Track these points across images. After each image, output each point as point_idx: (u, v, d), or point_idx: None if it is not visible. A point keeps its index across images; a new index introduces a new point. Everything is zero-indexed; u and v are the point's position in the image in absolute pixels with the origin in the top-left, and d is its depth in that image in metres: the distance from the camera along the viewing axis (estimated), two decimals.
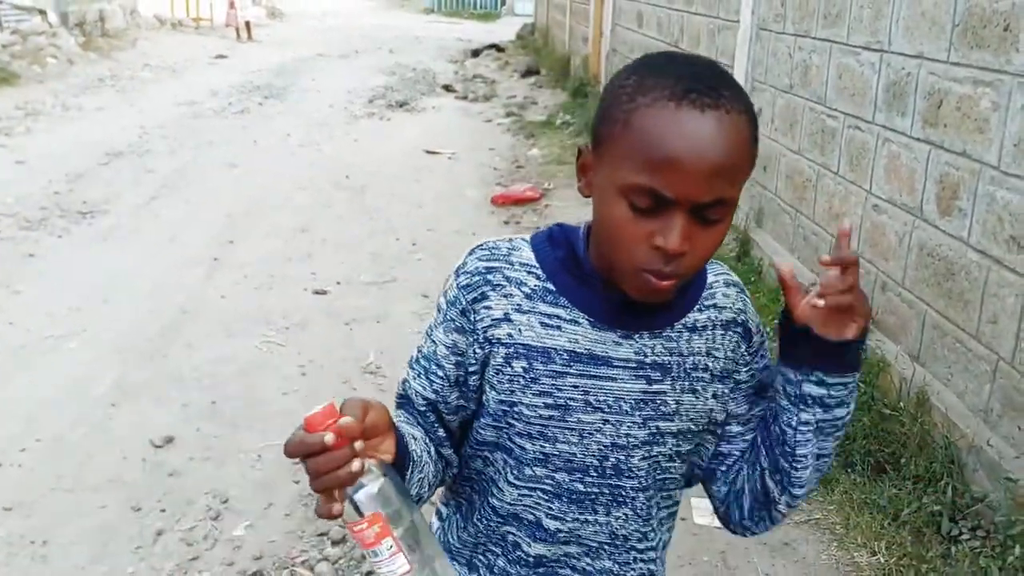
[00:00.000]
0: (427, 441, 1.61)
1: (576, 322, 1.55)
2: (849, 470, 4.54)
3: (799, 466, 1.61)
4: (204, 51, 24.78)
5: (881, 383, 5.05)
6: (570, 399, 1.56)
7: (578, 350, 1.55)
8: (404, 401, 1.66)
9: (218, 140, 13.10)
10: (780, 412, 1.61)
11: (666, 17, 10.88)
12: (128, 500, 4.41)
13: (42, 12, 20.96)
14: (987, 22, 4.32)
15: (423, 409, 1.64)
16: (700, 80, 1.37)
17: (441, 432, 1.65)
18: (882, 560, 3.98)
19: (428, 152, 12.61)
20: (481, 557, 1.72)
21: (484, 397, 1.61)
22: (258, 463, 4.72)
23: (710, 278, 1.64)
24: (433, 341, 1.62)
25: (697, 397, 1.61)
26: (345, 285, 7.39)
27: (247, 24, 28.85)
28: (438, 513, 1.82)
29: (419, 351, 1.65)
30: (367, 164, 11.82)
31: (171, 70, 20.91)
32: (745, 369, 1.66)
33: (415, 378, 1.64)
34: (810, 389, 1.56)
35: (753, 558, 4.11)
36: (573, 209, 9.57)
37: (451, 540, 1.76)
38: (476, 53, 25.65)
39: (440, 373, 1.61)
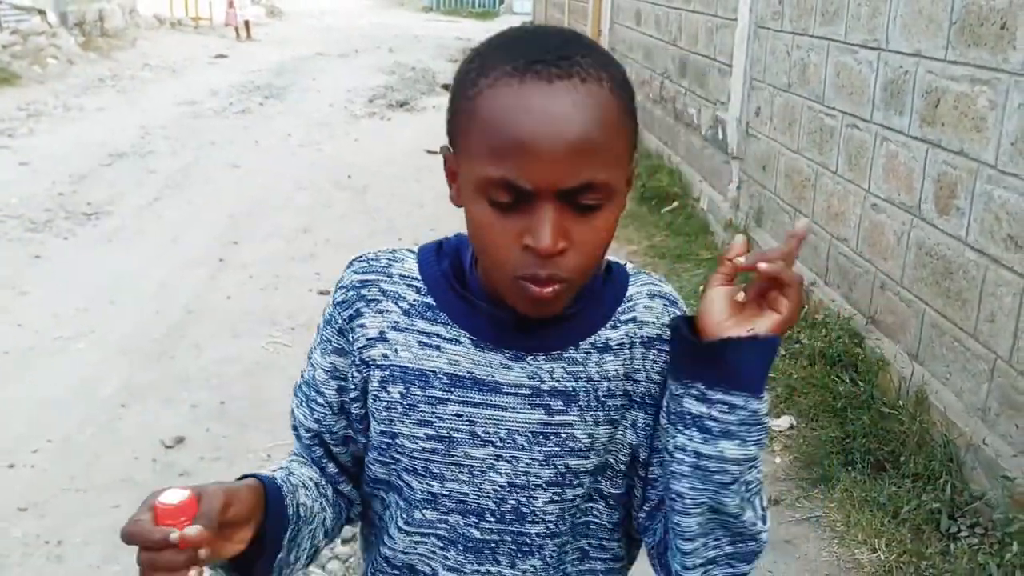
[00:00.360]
0: (321, 484, 1.49)
1: (457, 341, 1.37)
2: (849, 468, 4.58)
3: (677, 508, 1.34)
4: (204, 50, 24.77)
5: (880, 382, 5.10)
6: (453, 430, 1.38)
7: (459, 373, 1.36)
8: (295, 432, 1.54)
9: (220, 140, 13.13)
10: (660, 435, 1.39)
11: (664, 15, 10.91)
12: (140, 500, 4.39)
13: (41, 12, 20.96)
14: (984, 20, 4.36)
15: (308, 442, 1.50)
16: (548, 50, 1.19)
17: (332, 467, 1.51)
18: (882, 557, 4.03)
19: (429, 152, 12.60)
20: None
21: (370, 427, 1.46)
22: (267, 462, 4.72)
23: (631, 290, 1.43)
24: (312, 365, 1.48)
25: (616, 428, 1.41)
26: None
27: (246, 23, 28.82)
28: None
29: (301, 376, 1.52)
30: (368, 164, 11.87)
31: (171, 70, 20.91)
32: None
33: (298, 407, 1.51)
34: (690, 405, 1.29)
35: None
36: None
37: None
38: None
39: (320, 400, 1.47)
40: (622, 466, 1.44)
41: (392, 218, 9.45)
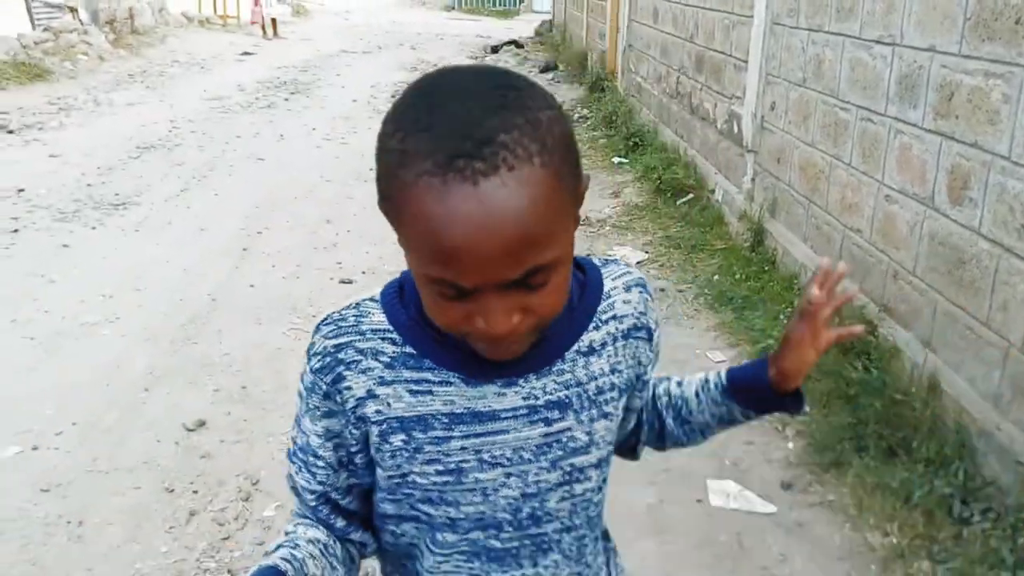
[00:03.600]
0: (329, 545, 1.45)
1: (447, 383, 1.33)
2: (862, 454, 4.52)
3: (692, 440, 1.67)
4: (231, 48, 24.83)
5: (893, 369, 5.04)
6: (461, 462, 1.36)
7: (456, 411, 1.34)
8: (295, 494, 1.51)
9: (245, 134, 13.12)
10: (697, 414, 1.62)
11: (681, 12, 10.84)
12: (161, 482, 4.44)
13: (73, 10, 21.03)
14: (998, 15, 4.29)
15: (314, 503, 1.47)
16: (467, 135, 1.06)
17: (340, 523, 1.48)
18: (894, 541, 3.97)
19: None
20: None
21: (375, 471, 1.44)
22: (287, 445, 4.71)
23: (607, 285, 1.44)
24: (304, 432, 1.44)
25: (611, 420, 1.44)
26: (370, 275, 7.38)
27: (273, 21, 28.88)
28: None
29: (294, 443, 1.47)
30: None
31: (199, 66, 20.95)
32: (650, 367, 1.54)
33: (297, 472, 1.47)
34: (737, 417, 1.60)
35: (767, 539, 4.10)
36: (591, 201, 9.56)
37: None
38: (496, 49, 25.59)
39: (321, 463, 1.44)
40: (615, 445, 1.53)
41: None
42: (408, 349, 1.34)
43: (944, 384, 4.60)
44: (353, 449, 1.41)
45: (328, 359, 1.35)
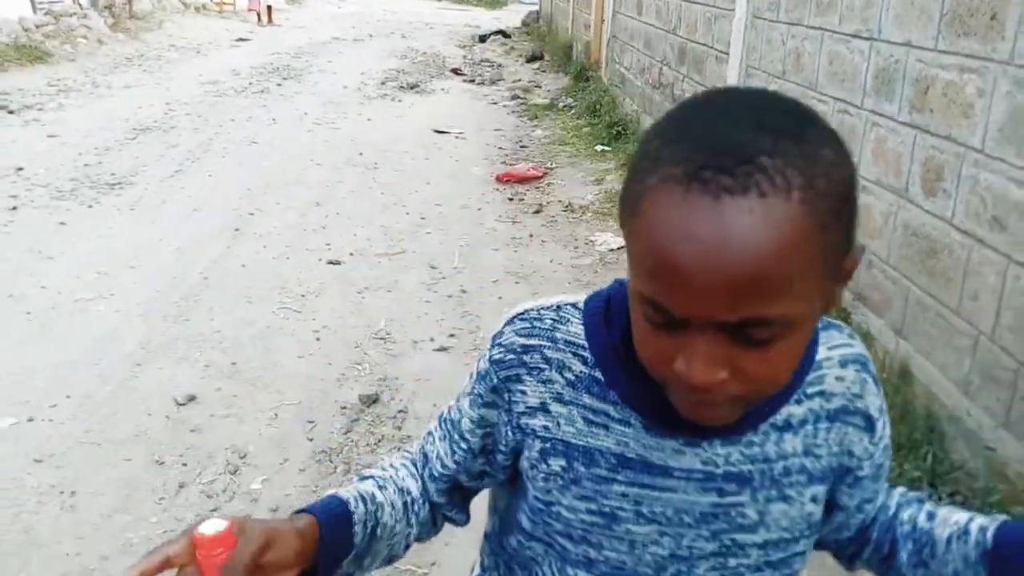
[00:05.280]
0: (417, 502, 1.37)
1: (627, 423, 1.18)
2: None
3: None
4: (227, 34, 24.72)
5: None
6: (618, 508, 1.20)
7: (628, 455, 1.18)
8: (422, 456, 1.41)
9: (239, 118, 13.04)
10: (939, 563, 1.28)
11: (664, 5, 10.80)
12: (152, 454, 4.40)
13: None
14: (974, 11, 4.26)
15: (438, 474, 1.37)
16: (727, 148, 0.91)
17: (443, 498, 1.38)
18: None
19: (437, 131, 12.55)
20: None
21: (521, 482, 1.30)
22: (275, 421, 4.70)
23: (821, 354, 1.22)
24: (459, 410, 1.33)
25: (791, 504, 1.22)
26: (358, 256, 7.36)
27: (268, 8, 28.76)
28: None
29: (448, 412, 1.36)
30: (379, 142, 11.77)
31: (195, 51, 20.84)
32: (868, 463, 1.28)
33: (440, 439, 1.37)
34: None
35: None
36: (574, 187, 9.56)
37: None
38: (484, 39, 25.52)
39: (464, 446, 1.32)
40: (796, 536, 1.25)
41: (400, 194, 9.34)
42: (597, 374, 1.19)
43: (915, 370, 4.59)
44: (500, 447, 1.28)
45: (511, 357, 1.23)
